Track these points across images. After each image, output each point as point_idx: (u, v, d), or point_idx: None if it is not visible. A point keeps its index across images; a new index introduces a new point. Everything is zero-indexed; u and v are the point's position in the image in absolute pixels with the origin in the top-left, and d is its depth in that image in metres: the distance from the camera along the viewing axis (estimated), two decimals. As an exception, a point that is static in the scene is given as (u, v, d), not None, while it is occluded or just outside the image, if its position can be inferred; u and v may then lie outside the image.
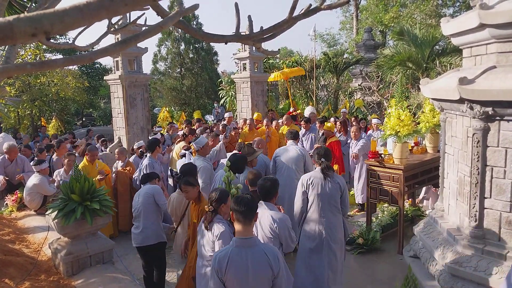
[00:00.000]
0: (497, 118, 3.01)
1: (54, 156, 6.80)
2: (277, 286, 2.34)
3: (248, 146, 5.08)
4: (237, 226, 2.41)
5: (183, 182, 3.53)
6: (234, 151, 6.18)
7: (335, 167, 6.78)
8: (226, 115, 9.98)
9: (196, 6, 0.96)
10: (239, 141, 7.84)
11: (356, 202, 6.70)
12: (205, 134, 7.03)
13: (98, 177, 5.60)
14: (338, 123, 7.59)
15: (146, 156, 6.00)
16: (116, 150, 6.58)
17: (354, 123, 8.17)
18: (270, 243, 2.96)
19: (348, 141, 7.17)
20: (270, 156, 6.90)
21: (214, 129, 8.89)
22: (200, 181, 4.97)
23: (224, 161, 4.60)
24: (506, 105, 2.91)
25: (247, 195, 2.49)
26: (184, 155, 6.33)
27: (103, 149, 8.38)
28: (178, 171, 4.75)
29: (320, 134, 7.25)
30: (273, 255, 2.33)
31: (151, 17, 16.80)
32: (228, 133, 7.61)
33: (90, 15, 0.57)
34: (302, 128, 7.78)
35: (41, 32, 0.55)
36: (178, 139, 7.52)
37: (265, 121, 8.24)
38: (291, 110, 10.67)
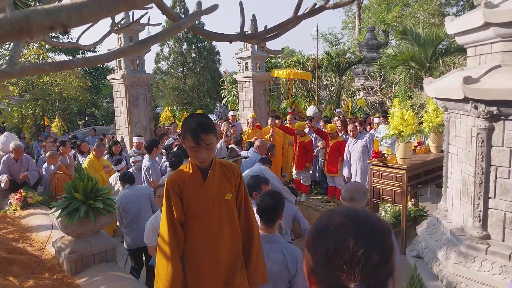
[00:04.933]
0: (502, 117, 3.00)
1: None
2: (296, 285, 2.27)
3: (232, 149, 5.09)
4: (260, 224, 2.38)
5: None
6: (231, 146, 6.23)
7: (340, 167, 6.85)
8: (231, 113, 10.00)
9: (215, 7, 0.95)
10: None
11: None
12: None
13: (105, 169, 5.70)
14: (338, 122, 7.60)
15: (142, 157, 6.03)
16: (47, 154, 6.38)
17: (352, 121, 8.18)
18: None
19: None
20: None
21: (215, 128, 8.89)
22: None
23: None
24: (511, 104, 2.89)
25: (269, 201, 2.37)
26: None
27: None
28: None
29: None
30: (291, 256, 2.26)
31: (153, 17, 16.86)
32: (229, 132, 7.63)
33: (108, 8, 0.57)
34: (306, 127, 7.87)
35: (59, 24, 0.54)
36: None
37: (269, 121, 8.27)
38: (289, 110, 10.69)
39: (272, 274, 2.23)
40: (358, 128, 6.82)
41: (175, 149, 6.10)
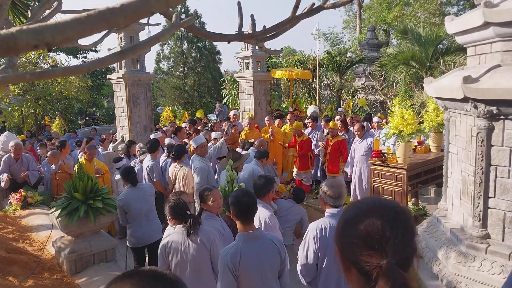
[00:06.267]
0: (502, 117, 2.99)
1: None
2: (286, 268, 2.54)
3: (233, 151, 5.00)
4: (239, 225, 2.47)
5: None
6: (238, 148, 6.23)
7: (341, 166, 6.86)
8: (232, 113, 10.01)
9: (191, 20, 0.98)
10: (241, 138, 7.87)
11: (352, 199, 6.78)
12: (203, 132, 7.05)
13: (95, 174, 5.68)
14: (338, 122, 7.60)
15: (144, 157, 6.01)
16: (49, 153, 6.44)
17: (356, 120, 8.18)
18: None
19: (351, 140, 7.18)
20: (272, 155, 6.93)
21: (215, 128, 8.91)
22: (195, 181, 4.98)
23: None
24: (511, 104, 2.89)
25: (245, 198, 2.46)
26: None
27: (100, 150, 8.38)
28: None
29: (326, 133, 7.28)
30: (279, 242, 2.52)
31: (153, 16, 16.85)
32: (229, 131, 7.63)
33: (90, 27, 0.60)
34: (308, 126, 7.91)
35: (43, 43, 0.58)
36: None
37: (266, 118, 8.27)
38: (290, 109, 10.70)
39: (270, 264, 2.43)
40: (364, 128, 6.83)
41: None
